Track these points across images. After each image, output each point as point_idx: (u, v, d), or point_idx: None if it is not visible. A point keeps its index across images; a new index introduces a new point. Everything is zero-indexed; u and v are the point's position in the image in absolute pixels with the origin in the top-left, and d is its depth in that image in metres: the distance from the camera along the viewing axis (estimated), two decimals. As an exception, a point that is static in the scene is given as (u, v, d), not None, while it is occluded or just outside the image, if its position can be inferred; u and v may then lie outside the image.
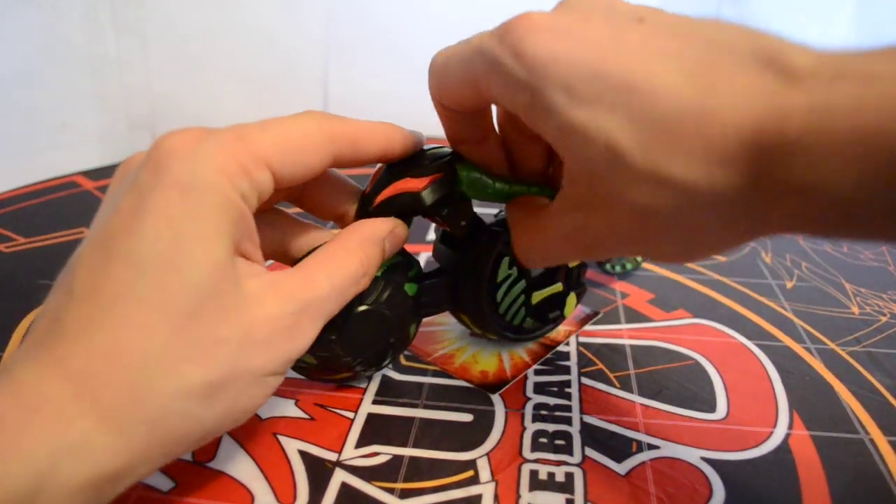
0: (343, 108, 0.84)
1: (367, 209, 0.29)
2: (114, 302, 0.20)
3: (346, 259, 0.25)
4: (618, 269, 0.43)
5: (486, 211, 0.35)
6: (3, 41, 0.52)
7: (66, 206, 0.52)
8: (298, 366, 0.29)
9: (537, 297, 0.34)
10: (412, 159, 0.28)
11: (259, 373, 0.22)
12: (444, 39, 0.27)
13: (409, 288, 0.30)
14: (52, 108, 0.56)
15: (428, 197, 0.28)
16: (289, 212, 0.29)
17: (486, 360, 0.34)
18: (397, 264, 0.29)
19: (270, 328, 0.22)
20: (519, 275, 0.32)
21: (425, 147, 0.29)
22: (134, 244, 0.20)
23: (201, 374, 0.20)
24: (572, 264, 0.34)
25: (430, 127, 0.32)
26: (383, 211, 0.28)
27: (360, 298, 0.28)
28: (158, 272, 0.20)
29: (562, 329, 0.37)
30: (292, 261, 0.28)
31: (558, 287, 0.34)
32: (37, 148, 0.56)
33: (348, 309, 0.27)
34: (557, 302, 0.35)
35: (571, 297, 0.35)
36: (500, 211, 0.36)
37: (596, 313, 0.39)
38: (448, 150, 0.29)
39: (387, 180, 0.28)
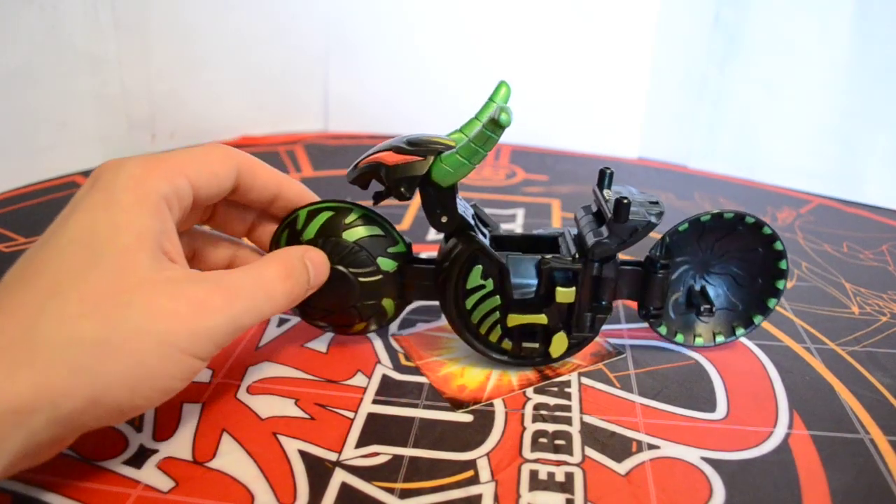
0: (343, 108, 0.84)
1: (351, 169, 0.31)
2: (31, 277, 0.23)
3: (268, 263, 0.28)
4: (679, 338, 0.35)
5: (497, 210, 0.35)
6: (3, 41, 0.52)
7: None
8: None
9: (513, 320, 0.32)
10: (411, 142, 0.30)
11: (166, 342, 0.23)
12: (443, 39, 0.27)
13: (385, 262, 0.32)
14: (52, 108, 0.56)
15: (392, 172, 0.30)
16: (203, 228, 0.33)
17: (472, 377, 0.33)
18: (376, 237, 0.32)
19: (180, 299, 0.24)
20: (494, 290, 0.32)
21: (430, 134, 0.30)
22: (59, 233, 0.24)
23: (93, 328, 0.22)
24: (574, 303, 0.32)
25: (429, 126, 0.32)
26: (360, 174, 0.31)
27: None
28: (73, 251, 0.23)
29: (572, 361, 0.35)
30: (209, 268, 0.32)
31: (541, 318, 0.32)
32: (37, 148, 0.56)
33: None
34: (542, 335, 0.33)
35: (560, 338, 0.33)
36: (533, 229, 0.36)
37: (620, 353, 0.35)
38: (446, 142, 0.30)
39: (377, 150, 0.30)
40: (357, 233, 0.32)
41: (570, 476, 0.27)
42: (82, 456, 0.27)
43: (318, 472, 0.27)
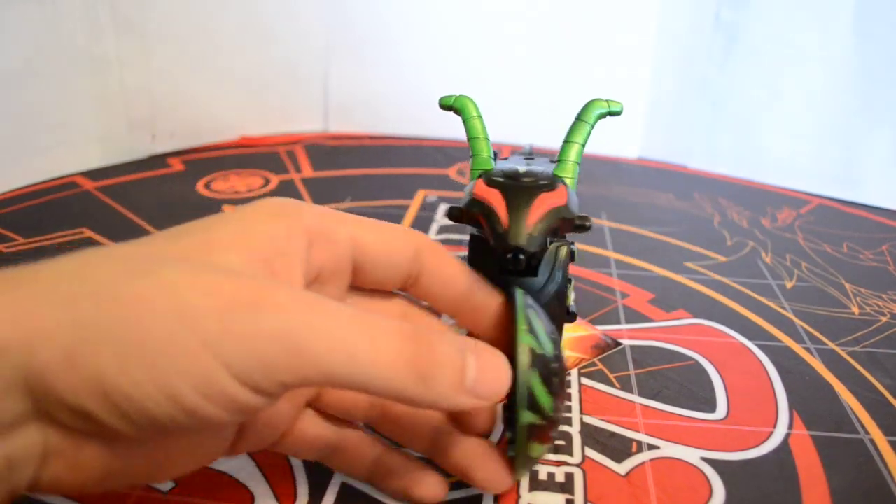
0: (343, 108, 0.84)
1: (518, 233, 0.23)
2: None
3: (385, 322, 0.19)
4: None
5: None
6: (3, 41, 0.52)
7: (66, 206, 0.52)
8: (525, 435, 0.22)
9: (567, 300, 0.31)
10: (528, 174, 0.25)
11: (190, 325, 0.16)
12: (444, 39, 0.27)
13: None
14: (52, 108, 0.56)
15: (574, 208, 0.25)
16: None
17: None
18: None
19: (233, 283, 0.17)
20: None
21: (513, 165, 0.26)
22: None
23: (112, 273, 0.18)
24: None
25: (429, 127, 0.32)
26: (543, 233, 0.23)
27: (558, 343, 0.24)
28: (174, 231, 0.20)
29: (574, 356, 0.35)
30: None
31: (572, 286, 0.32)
32: (37, 148, 0.56)
33: (558, 352, 0.23)
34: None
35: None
36: None
37: (618, 344, 0.36)
38: (527, 166, 0.27)
39: (519, 203, 0.24)
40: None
41: (570, 476, 0.27)
42: (82, 456, 0.27)
43: (318, 472, 0.27)
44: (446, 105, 0.29)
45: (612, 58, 0.67)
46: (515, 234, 0.23)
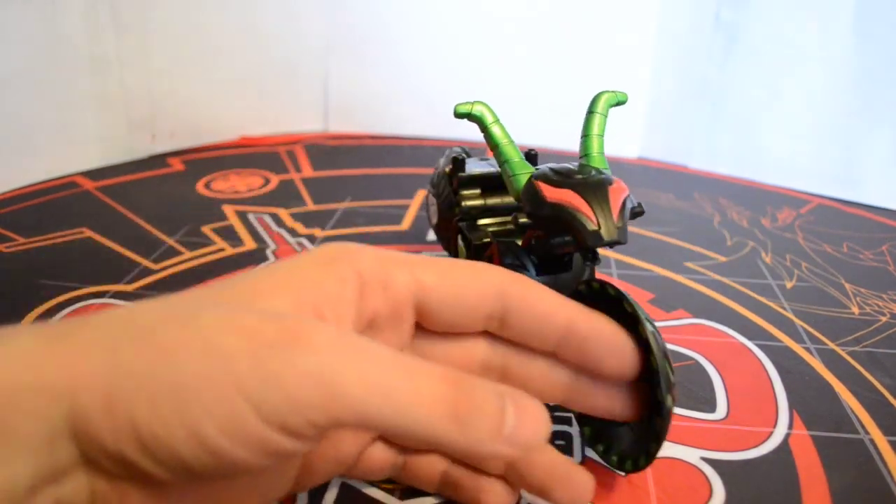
0: (343, 108, 0.84)
1: (610, 228, 0.24)
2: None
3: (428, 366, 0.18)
4: None
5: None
6: (3, 41, 0.52)
7: (66, 206, 0.52)
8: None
9: None
10: (580, 168, 0.25)
11: (221, 367, 0.16)
12: (444, 39, 0.27)
13: None
14: (52, 108, 0.56)
15: (633, 196, 0.25)
16: None
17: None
18: None
19: (269, 324, 0.17)
20: None
21: (551, 165, 0.26)
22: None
23: (157, 312, 0.18)
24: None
25: (429, 127, 0.32)
26: (626, 223, 0.24)
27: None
28: (228, 283, 0.20)
29: None
30: None
31: None
32: (37, 148, 0.56)
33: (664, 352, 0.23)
34: None
35: None
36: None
37: None
38: (559, 164, 0.27)
39: (601, 199, 0.24)
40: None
41: (570, 476, 0.27)
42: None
43: (318, 472, 0.27)
44: (463, 113, 0.28)
45: (612, 58, 0.67)
46: (609, 229, 0.24)
